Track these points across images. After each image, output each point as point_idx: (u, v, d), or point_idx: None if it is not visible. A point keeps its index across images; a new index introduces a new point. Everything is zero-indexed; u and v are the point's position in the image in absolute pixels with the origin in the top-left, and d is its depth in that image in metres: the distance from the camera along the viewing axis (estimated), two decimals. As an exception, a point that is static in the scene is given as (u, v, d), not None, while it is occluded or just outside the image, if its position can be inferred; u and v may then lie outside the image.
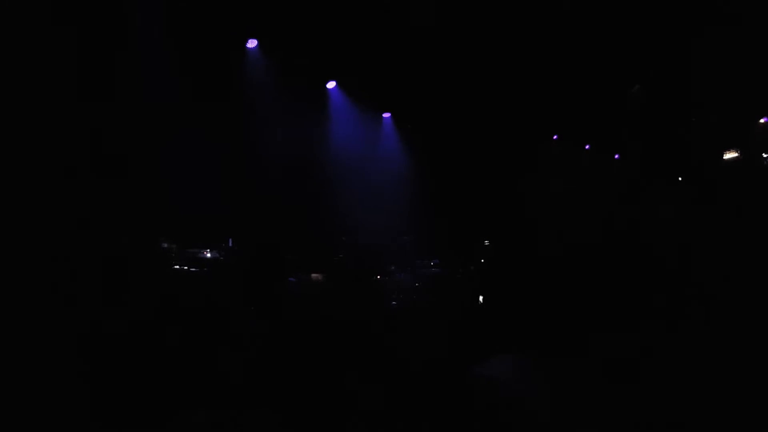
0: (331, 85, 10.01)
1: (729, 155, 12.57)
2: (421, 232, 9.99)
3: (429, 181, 10.81)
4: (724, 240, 7.90)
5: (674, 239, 9.18)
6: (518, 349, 4.90)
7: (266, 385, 4.33)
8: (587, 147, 13.89)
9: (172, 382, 4.15)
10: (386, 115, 11.15)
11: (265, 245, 7.56)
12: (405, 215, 10.20)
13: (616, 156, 14.42)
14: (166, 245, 7.07)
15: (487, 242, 10.47)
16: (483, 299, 7.57)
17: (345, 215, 9.41)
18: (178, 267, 7.01)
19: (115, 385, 3.93)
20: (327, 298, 7.28)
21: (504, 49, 9.58)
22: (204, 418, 3.75)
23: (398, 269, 8.80)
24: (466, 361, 4.71)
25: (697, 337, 4.71)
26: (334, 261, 8.53)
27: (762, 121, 12.20)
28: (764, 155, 11.87)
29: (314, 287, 7.55)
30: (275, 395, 4.17)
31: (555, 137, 13.09)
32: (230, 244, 7.68)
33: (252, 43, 8.78)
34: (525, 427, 3.74)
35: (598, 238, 9.84)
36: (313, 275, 7.65)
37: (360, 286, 7.88)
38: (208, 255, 7.41)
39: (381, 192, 10.22)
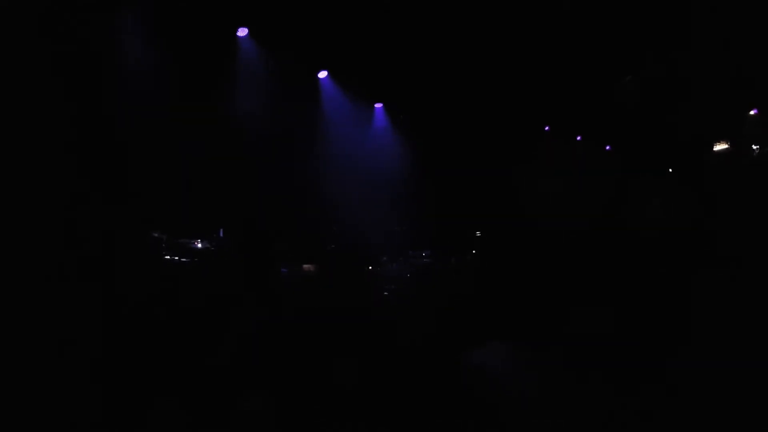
0: (322, 74, 9.94)
1: (719, 147, 12.65)
2: (413, 222, 9.99)
3: (421, 171, 10.79)
4: (714, 231, 7.96)
5: (664, 231, 9.25)
6: (509, 337, 4.93)
7: (259, 373, 4.33)
8: (578, 138, 13.92)
9: (164, 371, 4.15)
10: (378, 105, 11.11)
11: (257, 236, 7.53)
12: (397, 206, 10.19)
13: (607, 147, 14.47)
14: (157, 235, 7.03)
15: (478, 233, 10.50)
16: (474, 289, 7.60)
17: (337, 206, 9.38)
18: (168, 257, 6.98)
19: (107, 374, 3.91)
20: (319, 288, 7.27)
21: (496, 40, 9.55)
22: (196, 404, 3.75)
23: (390, 260, 8.80)
24: (457, 349, 4.74)
25: (688, 329, 4.76)
26: (326, 252, 8.52)
27: (752, 112, 12.27)
28: (754, 147, 11.96)
29: (306, 278, 7.55)
30: (268, 382, 4.17)
31: (547, 128, 13.11)
32: (221, 235, 7.65)
33: (242, 32, 8.69)
34: (515, 413, 3.77)
35: (589, 229, 9.89)
36: (305, 266, 7.64)
37: (352, 277, 7.88)
38: (199, 245, 7.38)
39: (373, 182, 10.19)
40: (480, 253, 10.05)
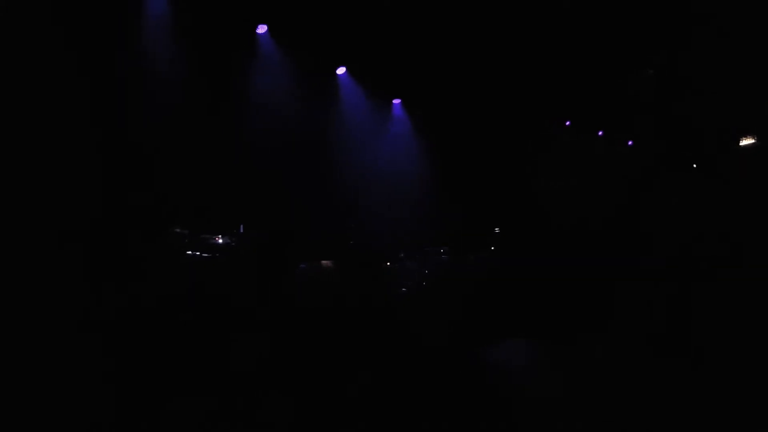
0: (341, 71, 9.96)
1: (745, 141, 12.38)
2: (431, 218, 9.99)
3: (439, 167, 10.78)
4: (738, 228, 7.81)
5: (686, 228, 9.10)
6: (527, 334, 4.93)
7: (277, 370, 4.38)
8: (600, 133, 13.74)
9: (183, 367, 4.22)
10: (396, 101, 11.10)
11: (276, 232, 7.61)
12: (415, 202, 10.20)
13: (629, 143, 14.26)
14: (178, 230, 7.14)
15: (497, 230, 10.44)
16: (492, 286, 7.55)
17: (355, 201, 9.43)
18: (190, 253, 7.08)
19: (126, 370, 3.99)
20: (337, 284, 7.32)
21: (515, 34, 9.47)
22: (216, 401, 3.81)
23: (408, 256, 8.81)
24: (475, 346, 4.74)
25: (708, 326, 4.70)
26: (345, 247, 8.56)
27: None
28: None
29: (325, 274, 7.59)
30: (287, 380, 4.22)
31: (567, 123, 12.97)
32: (241, 230, 7.74)
33: (262, 29, 8.76)
34: (537, 412, 3.77)
35: (609, 225, 9.78)
36: (324, 262, 7.69)
37: (370, 273, 7.92)
38: (220, 241, 7.47)
39: (391, 178, 10.21)
40: (498, 249, 10.01)
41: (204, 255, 7.13)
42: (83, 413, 3.52)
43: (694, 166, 13.30)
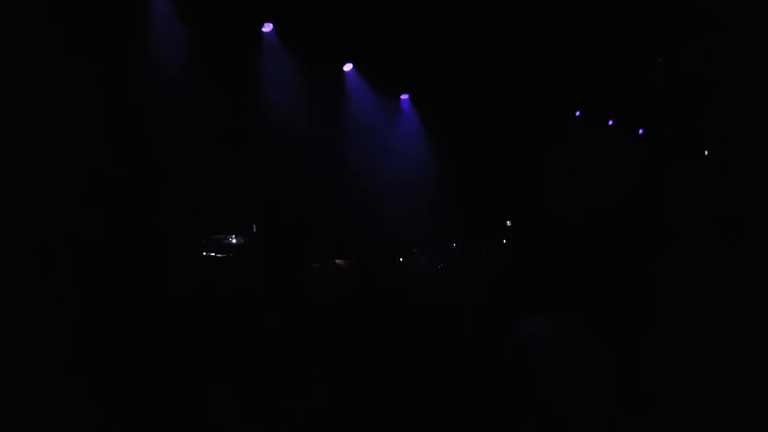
0: (348, 67, 9.95)
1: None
2: (443, 213, 9.99)
3: (449, 162, 10.76)
4: (746, 216, 7.77)
5: (695, 214, 9.06)
6: (549, 311, 4.99)
7: (291, 369, 4.44)
8: (611, 123, 13.62)
9: (200, 365, 4.29)
10: (404, 96, 11.07)
11: (288, 231, 7.66)
12: (427, 197, 10.20)
13: (640, 131, 14.13)
14: (193, 231, 7.20)
15: (509, 223, 10.44)
16: (504, 278, 7.57)
17: (367, 199, 9.45)
18: (204, 253, 7.15)
19: (141, 368, 4.06)
20: (350, 282, 7.36)
21: (524, 25, 9.41)
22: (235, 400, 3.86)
23: (421, 251, 8.84)
24: (486, 340, 4.78)
25: (722, 310, 4.72)
26: (357, 245, 8.60)
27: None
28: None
29: (337, 272, 7.64)
30: (299, 379, 4.28)
31: (578, 113, 12.87)
32: (254, 230, 7.80)
33: (267, 28, 8.76)
34: (570, 386, 3.81)
35: (621, 212, 9.75)
36: (336, 261, 7.73)
37: (383, 270, 7.95)
38: (234, 241, 7.53)
39: (401, 175, 10.20)
40: (510, 244, 10.01)
41: (218, 255, 7.20)
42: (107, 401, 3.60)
43: (706, 153, 13.18)
